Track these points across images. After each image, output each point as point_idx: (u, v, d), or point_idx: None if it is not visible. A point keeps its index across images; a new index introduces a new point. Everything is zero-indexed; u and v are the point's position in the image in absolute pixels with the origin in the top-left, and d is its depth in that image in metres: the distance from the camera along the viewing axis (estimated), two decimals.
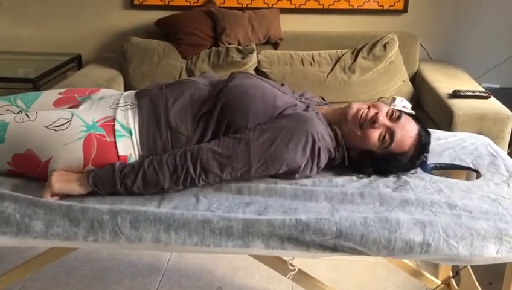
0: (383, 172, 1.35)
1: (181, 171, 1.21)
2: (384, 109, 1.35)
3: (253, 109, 1.29)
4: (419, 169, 1.39)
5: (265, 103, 1.31)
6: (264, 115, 1.29)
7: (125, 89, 2.65)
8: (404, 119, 1.35)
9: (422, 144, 1.36)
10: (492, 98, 2.28)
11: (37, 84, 2.59)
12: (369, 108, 1.35)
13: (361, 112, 1.34)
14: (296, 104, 1.37)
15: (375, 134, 1.32)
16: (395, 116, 1.34)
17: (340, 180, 1.32)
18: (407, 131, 1.33)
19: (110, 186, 1.21)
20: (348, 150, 1.35)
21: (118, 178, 1.20)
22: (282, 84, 1.50)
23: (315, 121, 1.30)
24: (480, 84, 2.58)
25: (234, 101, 1.30)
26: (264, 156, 1.24)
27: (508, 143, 2.21)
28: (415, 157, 1.36)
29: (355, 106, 1.36)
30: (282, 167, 1.26)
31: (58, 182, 1.21)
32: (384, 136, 1.32)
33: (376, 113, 1.33)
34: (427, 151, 1.39)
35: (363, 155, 1.35)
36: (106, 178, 1.21)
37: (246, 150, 1.23)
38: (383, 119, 1.33)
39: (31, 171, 1.28)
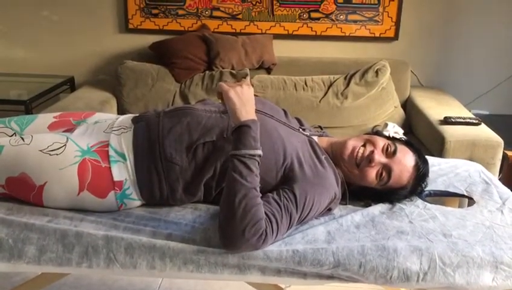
0: (383, 202, 1.36)
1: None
2: (380, 144, 1.34)
3: (263, 159, 1.22)
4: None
5: (275, 152, 1.26)
6: (275, 164, 1.26)
7: (119, 112, 2.65)
8: (400, 152, 1.34)
9: (420, 176, 1.36)
10: (483, 125, 2.31)
11: (29, 106, 2.57)
12: (364, 145, 1.35)
13: (357, 150, 1.33)
14: (302, 153, 1.31)
15: (372, 173, 1.32)
16: (391, 151, 1.33)
17: (336, 209, 1.32)
18: (404, 165, 1.33)
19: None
20: (348, 185, 1.35)
21: (237, 154, 1.15)
22: (285, 112, 1.47)
23: (333, 181, 1.29)
24: (470, 111, 2.62)
25: None
26: (298, 223, 1.23)
27: (498, 169, 2.23)
28: (414, 189, 1.36)
29: (350, 145, 1.35)
30: None
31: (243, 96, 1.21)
32: (382, 174, 1.32)
33: (372, 151, 1.32)
34: (426, 180, 1.39)
35: (362, 190, 1.36)
36: (243, 141, 1.16)
37: (288, 223, 1.19)
38: (378, 157, 1.32)
39: (24, 195, 1.27)
